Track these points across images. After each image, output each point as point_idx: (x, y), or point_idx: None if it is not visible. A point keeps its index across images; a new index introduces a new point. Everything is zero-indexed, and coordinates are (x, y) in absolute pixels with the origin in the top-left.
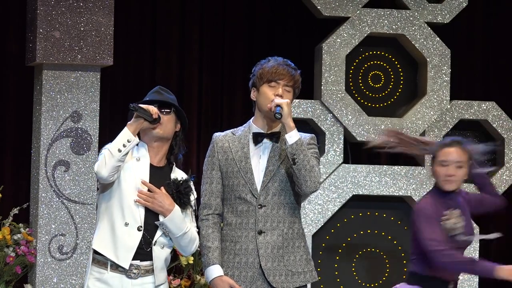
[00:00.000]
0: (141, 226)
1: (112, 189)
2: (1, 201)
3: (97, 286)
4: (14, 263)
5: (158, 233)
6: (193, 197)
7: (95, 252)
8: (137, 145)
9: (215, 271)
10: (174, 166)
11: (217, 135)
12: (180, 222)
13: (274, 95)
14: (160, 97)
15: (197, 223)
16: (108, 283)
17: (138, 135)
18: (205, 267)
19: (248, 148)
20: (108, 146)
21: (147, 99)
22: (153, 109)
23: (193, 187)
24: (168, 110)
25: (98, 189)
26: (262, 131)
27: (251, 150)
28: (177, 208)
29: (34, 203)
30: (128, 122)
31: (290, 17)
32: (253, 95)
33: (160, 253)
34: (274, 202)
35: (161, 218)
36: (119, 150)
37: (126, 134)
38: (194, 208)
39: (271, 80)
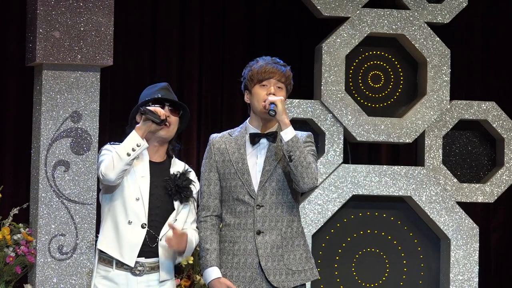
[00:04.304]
0: (145, 224)
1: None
2: (1, 201)
3: (103, 284)
4: (14, 263)
5: (165, 229)
6: (195, 189)
7: (101, 251)
8: None
9: (213, 273)
10: (173, 159)
11: (214, 136)
12: (191, 249)
13: (267, 94)
14: (170, 96)
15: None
16: (114, 281)
17: None
18: (203, 269)
19: (244, 149)
20: (114, 148)
21: (159, 95)
22: (160, 110)
23: (194, 178)
24: (177, 112)
25: (99, 189)
26: (259, 132)
27: (248, 151)
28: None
29: (34, 203)
30: (137, 126)
31: (290, 17)
32: (246, 97)
33: (166, 248)
34: (272, 201)
35: (178, 259)
36: (128, 154)
37: (135, 138)
38: (196, 201)
39: (261, 79)
